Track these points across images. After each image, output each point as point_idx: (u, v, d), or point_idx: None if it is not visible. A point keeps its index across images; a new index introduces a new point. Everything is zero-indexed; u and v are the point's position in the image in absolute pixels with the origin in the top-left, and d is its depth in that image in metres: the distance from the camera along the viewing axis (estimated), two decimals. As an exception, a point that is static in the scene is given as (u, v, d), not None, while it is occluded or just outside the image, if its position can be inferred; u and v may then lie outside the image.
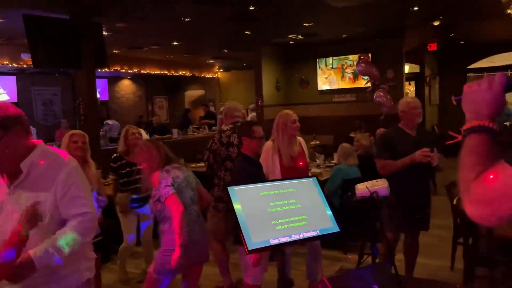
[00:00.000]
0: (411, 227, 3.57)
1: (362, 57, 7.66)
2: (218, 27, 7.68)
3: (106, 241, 3.72)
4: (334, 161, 5.94)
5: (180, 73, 13.17)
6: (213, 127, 11.22)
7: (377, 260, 3.11)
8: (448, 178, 4.75)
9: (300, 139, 3.52)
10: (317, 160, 6.27)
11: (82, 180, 1.77)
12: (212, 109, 13.32)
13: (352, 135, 8.22)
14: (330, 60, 10.20)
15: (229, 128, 3.76)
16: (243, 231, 1.63)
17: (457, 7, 6.72)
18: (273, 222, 1.72)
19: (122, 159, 3.94)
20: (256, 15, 6.62)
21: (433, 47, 10.48)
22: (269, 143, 3.36)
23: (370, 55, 9.18)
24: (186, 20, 6.69)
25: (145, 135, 8.57)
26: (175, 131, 9.74)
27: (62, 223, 1.72)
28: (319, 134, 9.69)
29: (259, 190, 1.80)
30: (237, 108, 3.97)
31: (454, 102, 1.14)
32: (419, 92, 11.62)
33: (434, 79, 12.38)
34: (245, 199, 1.71)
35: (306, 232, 1.77)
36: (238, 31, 8.04)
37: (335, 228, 1.85)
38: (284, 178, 2.54)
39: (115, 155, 3.98)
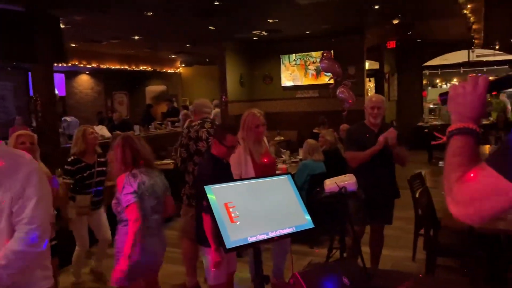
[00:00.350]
0: (376, 220, 3.69)
1: (325, 54, 7.78)
2: (182, 22, 7.56)
3: (63, 244, 3.57)
4: (300, 157, 6.01)
5: (141, 68, 12.88)
6: (176, 123, 11.07)
7: (345, 254, 3.19)
8: (408, 172, 4.93)
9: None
10: (283, 156, 6.33)
11: (41, 184, 1.69)
12: (175, 105, 13.13)
13: (315, 130, 8.35)
14: (293, 56, 10.30)
15: (197, 124, 3.73)
16: (221, 230, 1.61)
17: (415, 7, 6.96)
18: (250, 220, 1.72)
19: (80, 162, 3.79)
20: (220, 11, 6.57)
21: (392, 44, 10.83)
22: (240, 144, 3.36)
23: (332, 52, 9.35)
24: (149, 14, 6.54)
25: (106, 132, 8.36)
26: (136, 127, 9.54)
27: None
28: (283, 130, 9.79)
29: (236, 189, 1.79)
30: (206, 105, 3.99)
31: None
32: (378, 89, 11.96)
33: (393, 76, 12.78)
34: (222, 197, 1.70)
35: (283, 229, 1.78)
36: (202, 26, 7.95)
37: (310, 224, 1.87)
38: (258, 176, 2.53)
39: (72, 157, 3.81)
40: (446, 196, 1.02)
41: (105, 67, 11.66)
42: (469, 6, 5.18)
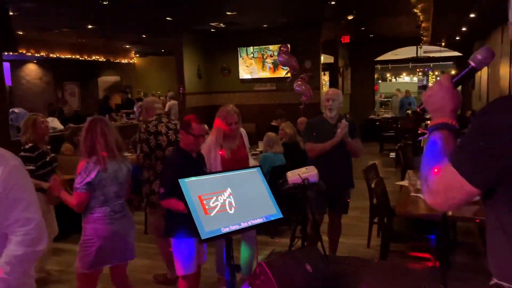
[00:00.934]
0: (334, 210, 3.87)
1: (282, 48, 7.90)
2: (139, 12, 7.41)
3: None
4: (259, 149, 6.12)
5: (94, 58, 12.45)
6: (131, 115, 10.84)
7: (305, 243, 3.33)
8: (362, 163, 5.18)
9: (242, 130, 3.59)
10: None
11: (26, 180, 1.63)
12: (130, 96, 12.83)
13: (274, 123, 8.48)
14: (251, 49, 10.36)
15: (154, 119, 3.73)
16: (195, 221, 1.67)
17: (369, 4, 7.22)
18: (223, 211, 1.78)
19: (38, 148, 3.69)
20: (178, 1, 6.50)
21: (346, 39, 11.16)
22: (211, 137, 3.39)
23: (289, 45, 9.51)
24: (105, 3, 6.35)
25: (58, 124, 8.05)
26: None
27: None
28: (242, 122, 9.82)
29: (209, 182, 1.84)
30: (156, 101, 4.06)
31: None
32: (333, 82, 12.31)
33: (347, 70, 13.18)
34: (195, 190, 1.75)
35: (254, 220, 1.86)
36: (159, 17, 7.83)
37: (279, 215, 1.97)
38: (229, 169, 2.58)
39: (30, 145, 3.69)
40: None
41: (55, 56, 11.17)
42: (419, 6, 5.47)
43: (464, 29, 7.94)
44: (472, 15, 6.17)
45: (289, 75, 8.62)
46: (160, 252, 3.85)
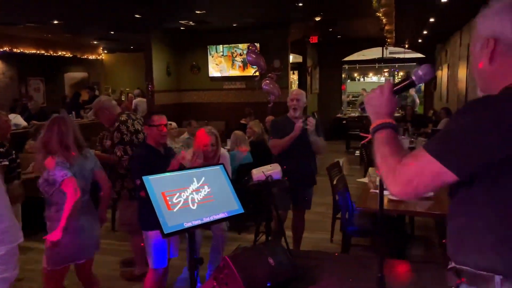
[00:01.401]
0: (297, 206, 4.01)
1: (250, 47, 8.01)
2: (106, 8, 7.33)
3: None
4: (228, 147, 6.20)
5: (60, 53, 12.17)
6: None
7: (270, 238, 3.45)
8: (328, 161, 5.35)
9: (223, 152, 3.73)
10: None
11: None
12: (97, 93, 12.63)
13: (242, 121, 8.59)
14: (220, 47, 10.41)
15: (126, 117, 3.76)
16: (158, 217, 1.75)
17: (336, 6, 7.42)
18: (185, 207, 1.87)
19: (3, 145, 3.64)
20: (147, -1, 6.49)
21: (314, 39, 11.37)
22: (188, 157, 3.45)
23: (258, 44, 9.63)
24: (71, -2, 6.27)
25: (21, 121, 7.86)
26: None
27: None
28: (211, 120, 9.91)
29: (172, 178, 1.92)
30: (111, 98, 4.12)
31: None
32: (301, 82, 12.52)
33: (315, 70, 13.43)
34: (159, 186, 1.83)
35: (216, 215, 1.95)
36: (128, 13, 7.77)
37: (240, 210, 2.07)
38: (194, 167, 2.67)
39: None
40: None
41: (19, 51, 10.86)
42: (381, 10, 5.69)
43: (425, 32, 8.28)
44: (431, 20, 6.46)
45: (257, 74, 8.75)
46: (132, 247, 3.88)
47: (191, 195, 1.91)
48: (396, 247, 3.84)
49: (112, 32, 10.21)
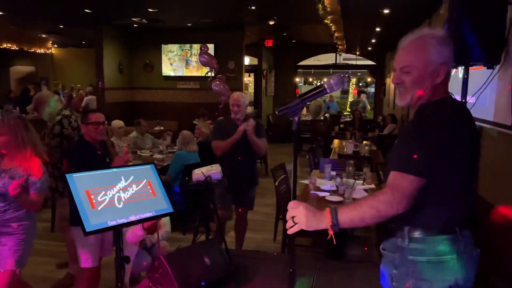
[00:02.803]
0: (239, 206, 4.07)
1: (202, 48, 8.00)
2: (54, 0, 7.08)
3: None
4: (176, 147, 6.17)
5: (5, 45, 11.60)
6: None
7: (210, 237, 3.48)
8: (273, 163, 5.45)
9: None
10: (160, 146, 6.42)
11: None
12: (44, 88, 12.14)
13: (195, 122, 8.56)
14: (174, 46, 10.33)
15: (69, 112, 3.69)
16: (81, 215, 1.73)
17: (287, 11, 7.56)
18: (111, 205, 1.86)
19: None
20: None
21: (269, 43, 11.53)
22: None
23: (213, 45, 9.63)
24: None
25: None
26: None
27: None
28: (163, 120, 9.80)
29: (99, 177, 1.91)
30: (48, 92, 4.00)
31: (277, 112, 1.56)
32: (257, 84, 12.64)
33: (270, 73, 13.60)
34: (83, 185, 1.81)
35: (143, 213, 1.96)
36: (77, 8, 7.54)
37: (169, 209, 2.08)
38: (122, 165, 2.65)
39: None
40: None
41: (-41, 41, 10.27)
42: (329, 17, 5.87)
43: (373, 41, 8.61)
44: (378, 29, 6.73)
45: (212, 74, 8.75)
46: (69, 246, 3.78)
47: (117, 194, 1.91)
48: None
49: (61, 26, 9.87)
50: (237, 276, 3.12)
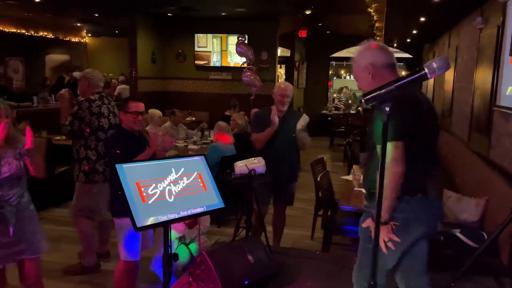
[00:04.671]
0: (279, 201, 3.90)
1: (240, 38, 7.86)
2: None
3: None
4: (211, 138, 6.06)
5: (41, 34, 11.78)
6: (79, 97, 10.36)
7: (250, 233, 3.35)
8: (311, 157, 5.27)
9: None
10: (194, 137, 6.33)
11: None
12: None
13: (227, 113, 8.44)
14: (208, 36, 10.21)
15: (96, 98, 3.59)
16: (131, 209, 1.61)
17: (326, 0, 7.31)
18: (162, 199, 1.73)
19: None
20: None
21: (303, 34, 11.26)
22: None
23: (246, 36, 9.46)
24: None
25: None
26: (35, 98, 8.77)
27: None
28: (195, 110, 9.74)
29: (148, 168, 1.78)
30: (101, 79, 3.78)
31: (362, 102, 1.48)
32: (288, 76, 12.41)
33: (302, 64, 13.32)
34: (133, 176, 1.69)
35: (194, 209, 1.82)
36: (112, -4, 7.52)
37: (220, 204, 1.94)
38: (174, 156, 2.53)
39: None
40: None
41: (-3, 29, 10.47)
42: (373, 5, 5.61)
43: (414, 32, 8.24)
44: (422, 19, 6.40)
45: (245, 65, 8.60)
46: (79, 235, 3.71)
47: (168, 187, 1.78)
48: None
49: (96, 15, 9.89)
50: (280, 275, 2.99)
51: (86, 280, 3.60)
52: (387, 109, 1.30)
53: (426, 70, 1.30)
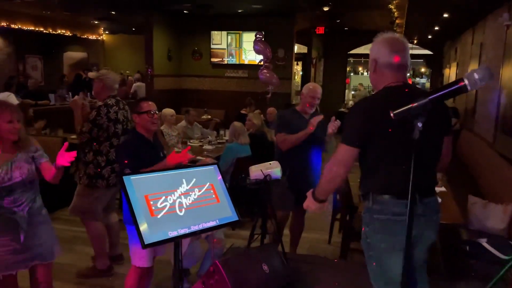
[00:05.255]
0: (300, 206, 3.74)
1: (257, 35, 7.72)
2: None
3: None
4: (226, 138, 5.96)
5: (59, 31, 11.85)
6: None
7: (265, 239, 3.23)
8: (328, 156, 5.11)
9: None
10: (209, 137, 6.25)
11: None
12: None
13: (243, 111, 8.33)
14: (224, 34, 10.11)
15: (113, 103, 3.50)
16: (139, 224, 1.52)
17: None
18: (172, 212, 1.64)
19: None
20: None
21: (320, 30, 11.06)
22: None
23: (262, 33, 9.32)
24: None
25: (14, 100, 7.57)
26: (52, 96, 8.81)
27: None
28: (211, 108, 9.66)
29: (158, 179, 1.69)
30: (117, 81, 3.69)
31: (393, 116, 1.40)
32: (305, 73, 12.24)
33: (319, 61, 13.12)
34: (142, 189, 1.60)
35: (206, 222, 1.72)
36: (128, -7, 7.48)
37: (234, 217, 1.84)
38: (185, 165, 2.41)
39: None
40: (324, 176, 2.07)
41: (17, 27, 10.54)
42: (394, 1, 5.41)
43: (436, 28, 7.99)
44: (445, 15, 6.18)
45: (261, 63, 8.47)
46: (89, 237, 3.65)
47: (178, 199, 1.68)
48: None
49: (113, 12, 9.89)
50: (296, 285, 2.88)
51: (98, 284, 3.55)
52: (420, 125, 1.16)
53: (466, 82, 1.16)
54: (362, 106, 1.91)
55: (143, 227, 1.51)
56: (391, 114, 1.32)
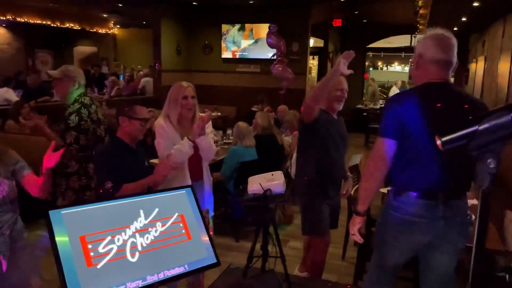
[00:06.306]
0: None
1: (271, 28, 7.24)
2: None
3: None
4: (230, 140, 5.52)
5: (67, 25, 11.57)
6: (104, 90, 10.09)
7: (267, 263, 2.76)
8: (347, 156, 4.62)
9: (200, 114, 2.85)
10: (215, 136, 5.80)
11: None
12: (105, 69, 12.03)
13: (254, 108, 7.89)
14: (235, 26, 9.64)
15: (89, 102, 3.05)
16: (66, 277, 1.08)
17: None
18: (119, 258, 1.20)
19: None
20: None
21: (338, 23, 10.47)
22: (159, 121, 2.73)
23: (275, 25, 8.82)
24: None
25: (12, 97, 7.24)
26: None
27: None
28: (221, 105, 9.22)
29: (102, 213, 1.25)
30: (82, 75, 3.13)
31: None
32: (321, 68, 11.67)
33: (337, 55, 12.53)
34: (76, 228, 1.16)
35: (169, 270, 1.27)
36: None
37: (211, 259, 1.38)
38: (144, 192, 1.94)
39: None
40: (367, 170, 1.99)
41: (23, 20, 10.29)
42: (420, -11, 4.89)
43: (464, 19, 7.37)
44: (475, 4, 5.59)
45: (275, 57, 7.98)
46: None
47: (131, 239, 1.24)
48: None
49: (120, 5, 9.52)
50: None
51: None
52: (492, 166, 0.75)
53: None
54: (399, 99, 1.91)
55: (74, 281, 1.07)
56: (439, 143, 1.04)
